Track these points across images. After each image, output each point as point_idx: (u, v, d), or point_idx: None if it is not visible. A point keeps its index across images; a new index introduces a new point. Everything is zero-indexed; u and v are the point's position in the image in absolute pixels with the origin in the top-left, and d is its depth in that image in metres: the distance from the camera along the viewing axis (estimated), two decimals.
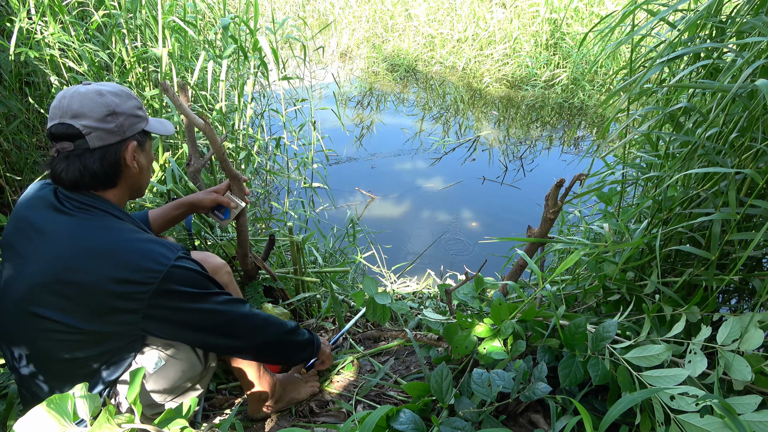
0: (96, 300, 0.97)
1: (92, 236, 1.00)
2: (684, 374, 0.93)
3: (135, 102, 1.11)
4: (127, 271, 0.97)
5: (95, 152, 1.04)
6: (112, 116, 1.05)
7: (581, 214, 2.19)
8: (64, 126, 1.01)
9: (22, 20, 2.01)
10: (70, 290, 0.96)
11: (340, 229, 3.20)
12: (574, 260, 1.08)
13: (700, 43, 1.27)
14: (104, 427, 0.61)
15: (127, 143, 1.08)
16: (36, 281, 0.98)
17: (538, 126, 5.59)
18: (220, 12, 2.93)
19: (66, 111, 1.02)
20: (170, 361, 1.10)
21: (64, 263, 0.97)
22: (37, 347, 1.01)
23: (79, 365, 1.03)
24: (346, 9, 7.97)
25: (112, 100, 1.05)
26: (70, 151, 1.03)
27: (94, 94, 1.04)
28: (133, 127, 1.10)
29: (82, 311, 0.97)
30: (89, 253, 0.97)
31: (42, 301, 0.97)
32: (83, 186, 1.05)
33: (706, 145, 1.16)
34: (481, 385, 1.08)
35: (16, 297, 1.00)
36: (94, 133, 1.03)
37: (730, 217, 1.05)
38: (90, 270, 0.96)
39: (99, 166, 1.04)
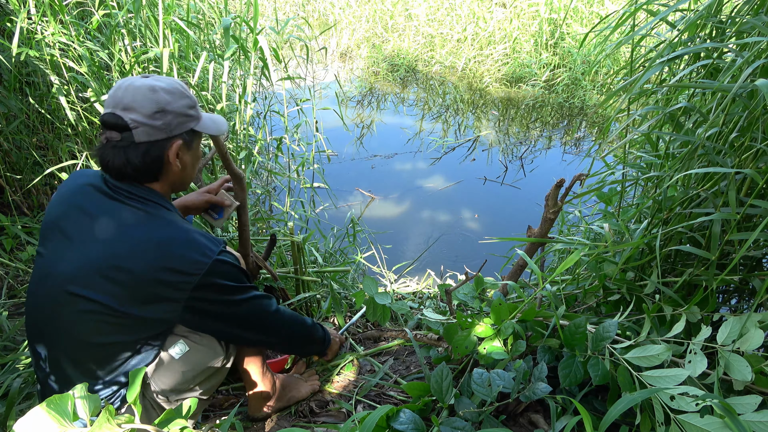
0: (142, 287, 0.99)
1: (144, 225, 1.03)
2: (684, 374, 0.93)
3: (188, 101, 1.11)
4: (176, 261, 1.00)
5: (140, 146, 1.05)
6: (160, 114, 1.06)
7: (581, 214, 2.19)
8: (114, 116, 1.03)
9: (23, 20, 2.01)
10: (119, 275, 0.98)
11: (340, 229, 3.20)
12: (574, 260, 1.08)
13: (700, 43, 1.27)
14: (104, 427, 0.61)
15: (172, 141, 1.09)
16: (84, 263, 1.00)
17: (538, 126, 5.59)
18: (218, 12, 2.93)
19: (119, 102, 1.04)
20: (194, 347, 1.11)
21: (115, 249, 0.99)
22: (74, 329, 1.02)
23: (111, 351, 1.04)
24: (346, 9, 7.97)
25: (164, 97, 1.06)
26: (117, 142, 1.05)
27: (147, 90, 1.05)
28: (182, 126, 1.10)
29: (126, 296, 1.00)
30: (141, 241, 1.00)
31: (88, 283, 0.99)
32: (127, 177, 1.07)
33: (706, 145, 1.16)
34: (481, 385, 1.08)
35: (60, 277, 1.01)
36: (141, 128, 1.04)
37: (730, 217, 1.04)
38: (141, 257, 0.99)
39: (141, 161, 1.06)
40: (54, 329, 1.04)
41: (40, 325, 1.07)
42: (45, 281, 1.04)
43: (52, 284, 1.02)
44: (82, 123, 2.33)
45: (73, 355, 1.05)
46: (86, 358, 1.05)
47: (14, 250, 2.23)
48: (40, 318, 1.06)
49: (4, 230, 2.24)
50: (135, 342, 1.06)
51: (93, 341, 1.03)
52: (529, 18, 6.61)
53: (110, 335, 1.02)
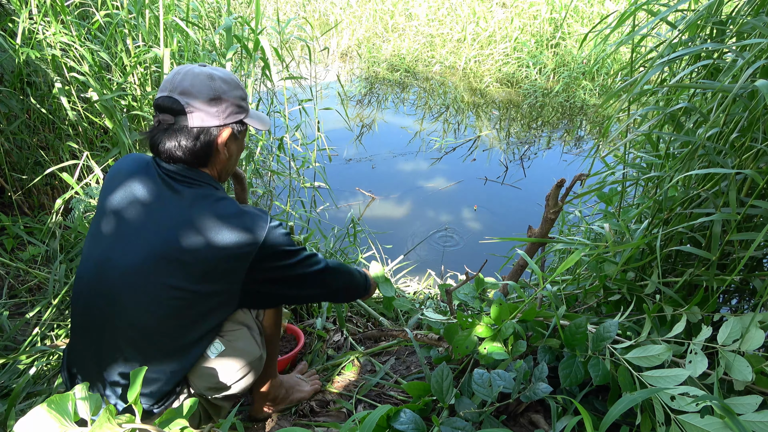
0: (208, 263, 1.02)
1: (200, 204, 1.05)
2: (684, 374, 0.93)
3: (241, 93, 1.15)
4: (236, 233, 1.03)
5: (192, 131, 1.08)
6: (216, 101, 1.09)
7: (582, 215, 2.19)
8: (170, 100, 1.06)
9: (24, 21, 2.01)
10: (183, 255, 1.01)
11: (340, 229, 3.20)
12: (574, 260, 1.07)
13: (701, 44, 1.27)
14: (105, 427, 0.61)
15: (222, 129, 1.11)
16: (148, 251, 1.01)
17: (539, 126, 5.59)
18: (215, 11, 2.93)
19: (176, 86, 1.06)
20: (229, 346, 1.12)
21: (177, 231, 1.01)
22: (136, 317, 1.03)
23: (175, 335, 1.06)
24: (346, 9, 7.97)
25: (221, 86, 1.09)
26: (170, 125, 1.07)
27: (205, 77, 1.08)
28: (234, 115, 1.13)
29: (192, 275, 1.01)
30: (201, 219, 1.03)
31: (154, 271, 1.01)
32: (177, 160, 1.09)
33: (706, 145, 1.16)
34: (482, 386, 1.08)
35: (122, 267, 1.02)
36: (196, 113, 1.07)
37: (731, 218, 1.04)
38: (203, 235, 1.01)
39: (192, 145, 1.08)
40: (113, 317, 1.04)
41: (94, 311, 1.06)
42: (105, 270, 1.04)
43: (114, 274, 1.03)
44: (83, 123, 2.33)
45: (133, 344, 1.05)
46: (147, 345, 1.05)
47: (15, 250, 2.23)
48: (96, 304, 1.05)
49: (4, 230, 2.24)
50: (199, 330, 1.07)
51: (157, 328, 1.04)
52: (529, 18, 6.61)
53: (176, 319, 1.04)
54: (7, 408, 1.24)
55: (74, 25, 2.23)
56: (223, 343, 1.11)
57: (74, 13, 2.35)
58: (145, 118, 2.41)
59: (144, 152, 2.22)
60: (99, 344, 1.07)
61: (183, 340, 1.06)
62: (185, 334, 1.06)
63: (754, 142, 1.10)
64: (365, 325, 2.05)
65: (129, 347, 1.05)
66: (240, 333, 1.14)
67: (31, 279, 2.09)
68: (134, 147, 2.21)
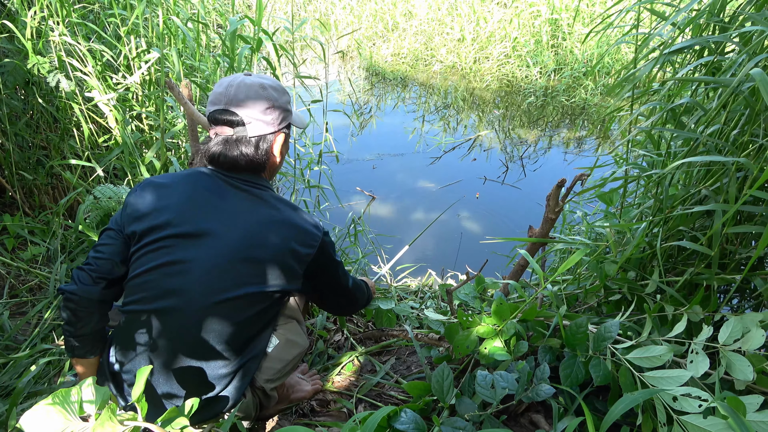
0: (277, 261, 1.08)
1: (267, 208, 1.11)
2: (687, 375, 0.93)
3: (287, 97, 1.20)
4: (301, 235, 1.11)
5: (251, 140, 1.13)
6: (270, 110, 1.14)
7: (584, 215, 2.19)
8: (228, 113, 1.11)
9: (33, 21, 2.01)
10: (257, 254, 1.06)
11: (341, 228, 3.20)
12: (575, 260, 1.08)
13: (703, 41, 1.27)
14: (107, 424, 0.61)
15: (277, 134, 1.17)
16: (230, 252, 1.06)
17: (540, 126, 5.59)
18: (216, 10, 2.93)
19: (232, 99, 1.11)
20: (283, 339, 1.19)
21: (250, 233, 1.07)
22: (224, 323, 1.06)
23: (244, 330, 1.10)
24: (346, 9, 7.97)
25: (272, 94, 1.14)
26: (229, 136, 1.12)
27: (258, 87, 1.13)
28: (285, 120, 1.19)
29: (265, 275, 1.08)
30: (270, 221, 1.09)
31: (235, 269, 1.05)
32: (239, 169, 1.14)
33: (707, 142, 1.16)
34: (485, 387, 1.08)
35: (207, 268, 1.04)
36: (254, 123, 1.12)
37: (728, 208, 1.05)
38: (273, 236, 1.08)
39: (254, 153, 1.13)
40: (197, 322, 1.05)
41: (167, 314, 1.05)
42: (178, 273, 1.05)
43: (191, 277, 1.04)
44: (87, 124, 2.34)
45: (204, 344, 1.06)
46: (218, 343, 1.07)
47: (16, 250, 2.24)
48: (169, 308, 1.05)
49: (5, 230, 2.24)
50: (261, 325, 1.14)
51: (230, 326, 1.07)
52: (529, 17, 6.61)
53: (247, 317, 1.08)
54: (8, 408, 1.24)
55: (79, 25, 2.24)
56: (278, 336, 1.18)
57: (79, 13, 2.35)
58: (147, 117, 2.41)
59: (146, 154, 2.23)
60: (163, 344, 1.06)
61: (249, 334, 1.12)
62: (251, 329, 1.12)
63: (756, 138, 1.10)
64: (365, 325, 2.05)
65: (200, 345, 1.06)
66: (291, 326, 1.21)
67: (31, 279, 2.09)
68: (136, 147, 2.21)
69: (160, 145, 2.18)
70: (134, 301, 1.07)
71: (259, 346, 1.15)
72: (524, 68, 6.45)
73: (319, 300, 1.34)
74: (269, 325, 1.17)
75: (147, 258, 1.07)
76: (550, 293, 1.38)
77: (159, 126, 2.31)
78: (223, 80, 1.15)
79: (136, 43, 2.34)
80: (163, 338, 1.05)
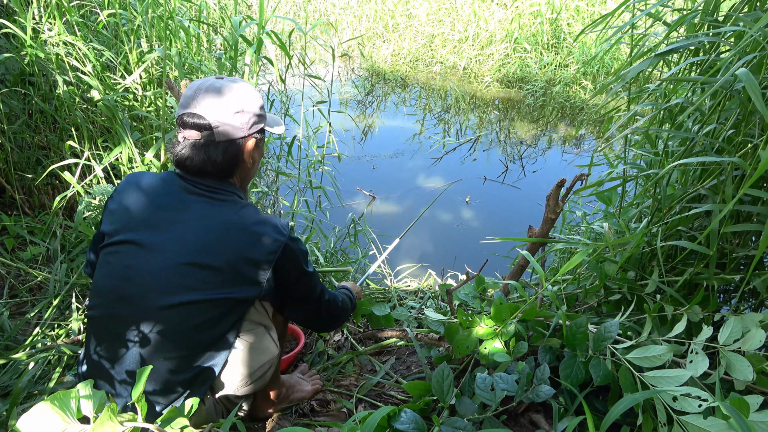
0: (231, 268, 1.04)
1: (226, 212, 1.09)
2: (686, 375, 0.93)
3: (260, 101, 1.18)
4: (259, 241, 1.07)
5: (219, 144, 1.10)
6: (240, 114, 1.11)
7: (584, 214, 2.19)
8: (195, 116, 1.08)
9: (28, 21, 2.01)
10: (209, 260, 1.04)
11: (341, 228, 3.20)
12: (577, 261, 1.08)
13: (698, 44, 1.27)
14: (107, 424, 0.61)
15: (247, 140, 1.15)
16: (180, 256, 1.04)
17: (539, 126, 5.59)
18: (217, 9, 2.93)
19: (199, 102, 1.09)
20: (248, 346, 1.13)
21: (205, 238, 1.05)
22: (174, 329, 1.04)
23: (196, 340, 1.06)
24: (346, 9, 7.97)
25: (242, 97, 1.12)
26: (197, 140, 1.09)
27: (227, 91, 1.11)
28: (256, 125, 1.16)
29: (219, 282, 1.04)
30: (226, 226, 1.06)
31: (184, 274, 1.03)
32: (206, 174, 1.11)
33: (703, 142, 1.16)
34: (484, 390, 1.08)
35: (154, 272, 1.03)
36: (222, 127, 1.09)
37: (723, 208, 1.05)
38: (228, 241, 1.05)
39: (221, 158, 1.11)
40: (137, 323, 1.04)
41: (118, 318, 1.05)
42: (128, 277, 1.05)
43: (139, 280, 1.04)
44: (87, 123, 2.33)
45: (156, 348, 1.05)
46: (171, 349, 1.05)
47: (15, 250, 2.23)
48: (118, 312, 1.05)
49: (5, 230, 2.24)
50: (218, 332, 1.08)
51: (180, 332, 1.05)
52: (529, 18, 6.61)
53: (198, 323, 1.05)
54: (8, 408, 1.24)
55: (78, 24, 2.24)
56: (242, 343, 1.13)
57: (78, 13, 2.35)
58: (147, 118, 2.41)
59: (145, 156, 2.23)
60: (119, 350, 1.06)
61: (204, 342, 1.08)
62: (206, 336, 1.08)
63: (751, 138, 1.10)
64: (365, 325, 2.05)
65: (153, 351, 1.05)
66: (258, 332, 1.16)
67: (31, 279, 2.09)
68: (136, 147, 2.21)
69: (160, 146, 2.18)
70: (92, 306, 1.10)
71: (218, 355, 1.10)
72: (524, 68, 6.45)
73: (288, 312, 1.28)
74: (228, 332, 1.11)
75: (104, 261, 1.09)
76: (550, 293, 1.38)
77: (159, 126, 2.31)
78: (194, 83, 1.13)
79: (135, 44, 2.34)
80: (118, 345, 1.06)
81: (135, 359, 1.05)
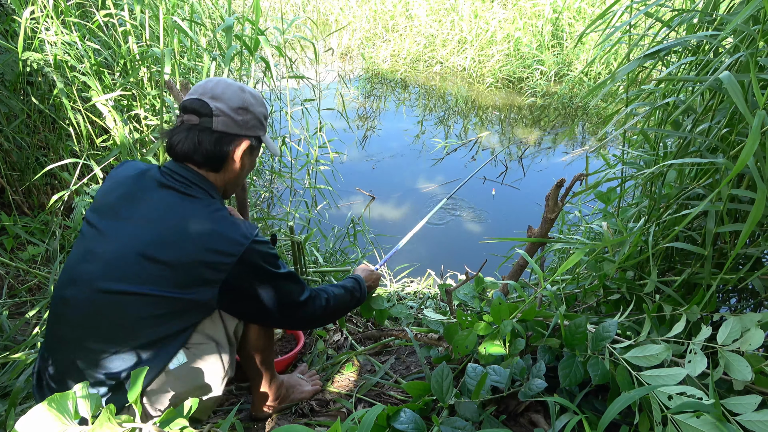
0: (185, 268, 1.00)
1: (188, 208, 1.05)
2: (683, 374, 0.93)
3: (265, 111, 1.21)
4: (217, 241, 1.03)
5: (214, 134, 1.11)
6: (243, 111, 1.13)
7: (581, 214, 2.19)
8: (199, 102, 1.10)
9: (27, 21, 2.01)
10: (163, 255, 1.00)
11: (340, 229, 3.20)
12: (575, 261, 1.08)
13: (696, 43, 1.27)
14: (105, 426, 0.61)
15: (242, 139, 1.15)
16: (135, 246, 1.01)
17: (540, 126, 5.59)
18: (212, 9, 2.93)
19: (207, 91, 1.11)
20: (192, 360, 1.07)
21: (161, 231, 1.02)
22: (112, 318, 1.00)
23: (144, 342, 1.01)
24: (346, 9, 7.97)
25: (250, 99, 1.15)
26: (194, 125, 1.10)
27: (237, 88, 1.14)
28: (255, 129, 1.18)
29: (167, 279, 1.00)
30: (185, 223, 1.03)
31: (137, 265, 1.00)
32: (191, 161, 1.11)
33: (698, 141, 1.17)
34: (474, 379, 1.09)
35: (101, 262, 1.01)
36: (222, 117, 1.10)
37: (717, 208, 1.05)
38: (185, 239, 1.01)
39: (212, 147, 1.10)
40: (90, 318, 1.01)
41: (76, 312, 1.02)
42: (86, 262, 1.03)
43: (92, 267, 1.02)
44: (85, 124, 2.34)
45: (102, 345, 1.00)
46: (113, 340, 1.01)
47: (15, 250, 2.23)
48: (73, 300, 1.02)
49: (4, 230, 2.24)
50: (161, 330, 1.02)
51: (127, 333, 1.00)
52: (530, 18, 6.61)
53: (142, 323, 1.00)
54: (7, 408, 1.24)
55: (76, 24, 2.24)
56: (187, 355, 1.05)
57: (75, 13, 2.35)
58: (146, 118, 2.41)
59: (145, 159, 2.23)
60: (63, 331, 1.03)
61: (142, 341, 1.01)
62: (145, 333, 1.01)
63: (745, 137, 1.10)
64: (365, 325, 2.05)
65: (87, 336, 1.01)
66: (206, 347, 1.08)
67: (31, 279, 2.09)
68: (134, 147, 2.21)
69: (158, 146, 2.18)
70: (54, 288, 1.09)
71: (156, 359, 1.01)
72: (525, 69, 6.45)
73: (273, 321, 1.21)
74: (173, 337, 1.03)
75: (74, 245, 1.10)
76: (549, 293, 1.38)
77: (158, 126, 2.31)
78: (211, 78, 1.16)
79: (133, 43, 2.34)
80: (62, 326, 1.04)
81: (75, 344, 1.01)
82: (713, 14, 1.21)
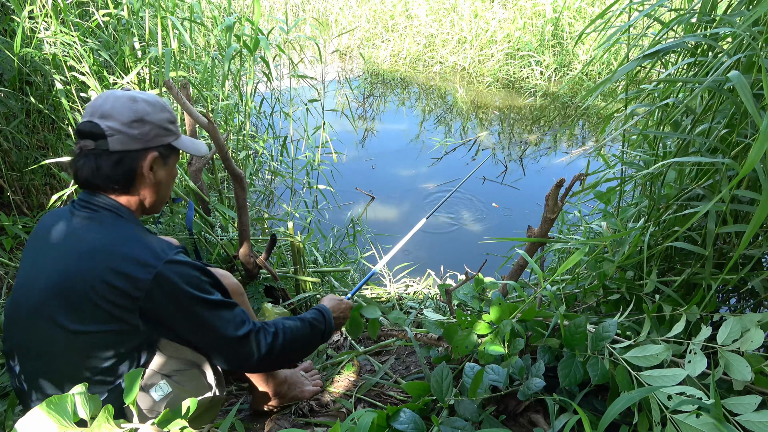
0: (96, 297, 0.94)
1: (94, 233, 0.99)
2: (682, 374, 0.93)
3: (167, 115, 1.11)
4: (125, 264, 0.95)
5: (113, 155, 1.03)
6: (138, 123, 1.04)
7: (581, 214, 2.19)
8: (90, 124, 1.02)
9: (24, 20, 2.01)
10: (75, 286, 0.94)
11: (340, 229, 3.20)
12: (575, 261, 1.08)
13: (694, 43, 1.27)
14: (103, 427, 0.61)
15: (147, 153, 1.07)
16: (45, 287, 0.97)
17: (539, 126, 5.59)
18: (219, 9, 2.93)
19: (96, 110, 1.03)
20: (177, 388, 1.03)
21: (66, 263, 0.96)
22: (46, 354, 0.98)
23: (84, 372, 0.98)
24: (345, 9, 7.97)
25: (144, 108, 1.06)
26: (90, 150, 1.03)
27: (127, 99, 1.05)
28: (159, 138, 1.09)
29: (84, 312, 0.94)
30: (90, 248, 0.97)
31: (50, 308, 0.96)
32: (96, 186, 1.05)
33: (698, 141, 1.17)
34: (471, 377, 1.09)
35: (28, 306, 0.99)
36: (117, 136, 1.03)
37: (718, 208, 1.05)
38: (90, 265, 0.95)
39: (112, 170, 1.03)
40: (29, 354, 1.00)
41: (16, 349, 1.03)
42: (17, 309, 1.02)
43: (22, 312, 1.00)
44: None
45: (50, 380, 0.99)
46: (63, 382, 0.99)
47: (14, 250, 2.23)
48: (16, 344, 1.03)
49: (4, 230, 2.24)
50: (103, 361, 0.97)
51: (65, 368, 0.98)
52: (530, 17, 6.61)
53: (80, 357, 0.96)
54: (6, 408, 1.24)
55: (75, 24, 2.23)
56: (170, 384, 1.02)
57: (74, 12, 2.35)
58: None
59: None
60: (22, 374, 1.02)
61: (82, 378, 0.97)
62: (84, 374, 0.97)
63: (744, 138, 1.10)
64: (365, 325, 2.05)
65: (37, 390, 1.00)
66: (189, 374, 1.06)
67: None
68: None
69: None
70: None
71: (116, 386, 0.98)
72: (525, 68, 6.45)
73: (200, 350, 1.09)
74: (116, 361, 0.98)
75: None
76: (548, 293, 1.38)
77: None
78: (101, 94, 1.08)
79: (132, 42, 2.34)
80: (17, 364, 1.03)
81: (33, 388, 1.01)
82: (712, 14, 1.21)
